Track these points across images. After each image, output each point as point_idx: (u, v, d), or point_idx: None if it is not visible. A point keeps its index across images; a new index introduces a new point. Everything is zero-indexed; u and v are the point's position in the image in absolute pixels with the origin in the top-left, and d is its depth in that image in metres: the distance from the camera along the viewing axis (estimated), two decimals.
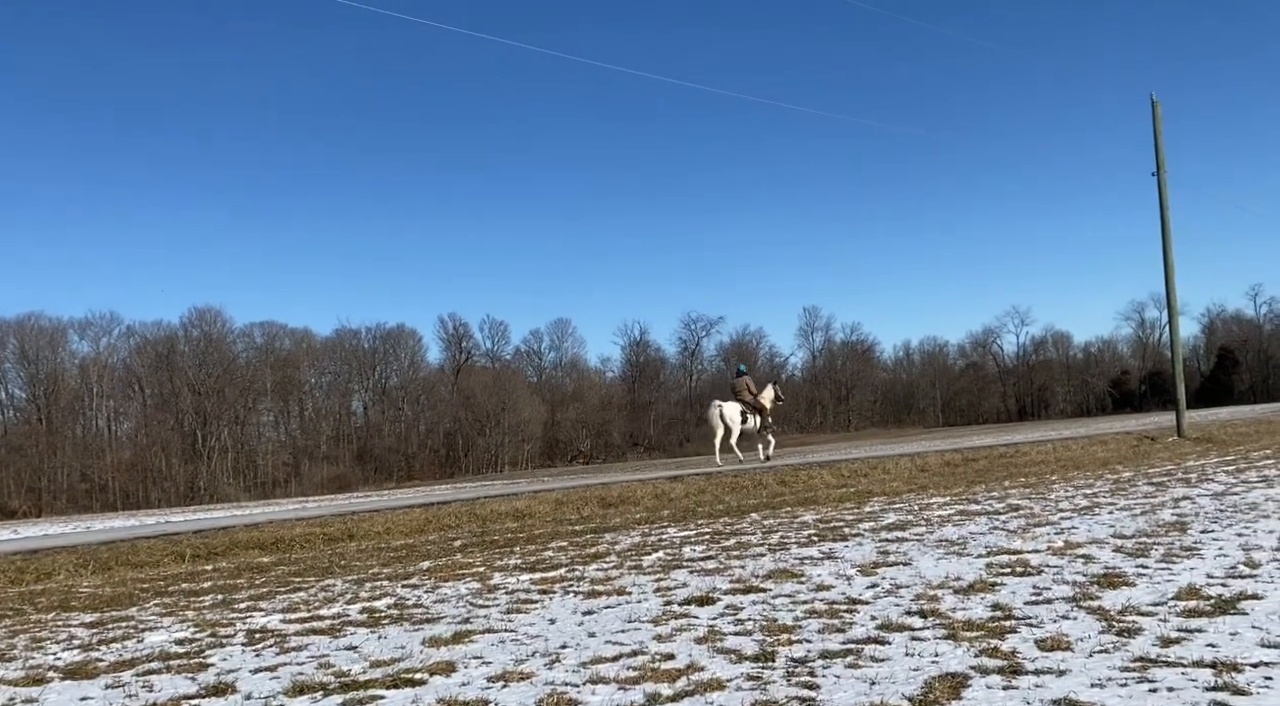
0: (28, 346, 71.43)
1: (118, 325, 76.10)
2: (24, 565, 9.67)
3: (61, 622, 6.49)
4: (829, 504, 11.91)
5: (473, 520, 12.52)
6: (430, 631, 5.23)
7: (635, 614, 5.35)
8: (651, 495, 14.54)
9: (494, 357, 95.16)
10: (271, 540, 11.03)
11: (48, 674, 4.77)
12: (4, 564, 9.74)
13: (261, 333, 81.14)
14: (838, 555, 7.20)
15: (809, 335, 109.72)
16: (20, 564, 9.74)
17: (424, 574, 7.76)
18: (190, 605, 6.87)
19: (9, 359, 71.35)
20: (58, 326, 73.25)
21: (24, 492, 64.48)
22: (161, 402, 73.69)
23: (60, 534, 16.28)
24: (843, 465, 18.02)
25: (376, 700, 3.85)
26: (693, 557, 7.61)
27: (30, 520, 42.24)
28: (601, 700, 3.63)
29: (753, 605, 5.39)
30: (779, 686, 3.66)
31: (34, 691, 4.42)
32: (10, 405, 72.18)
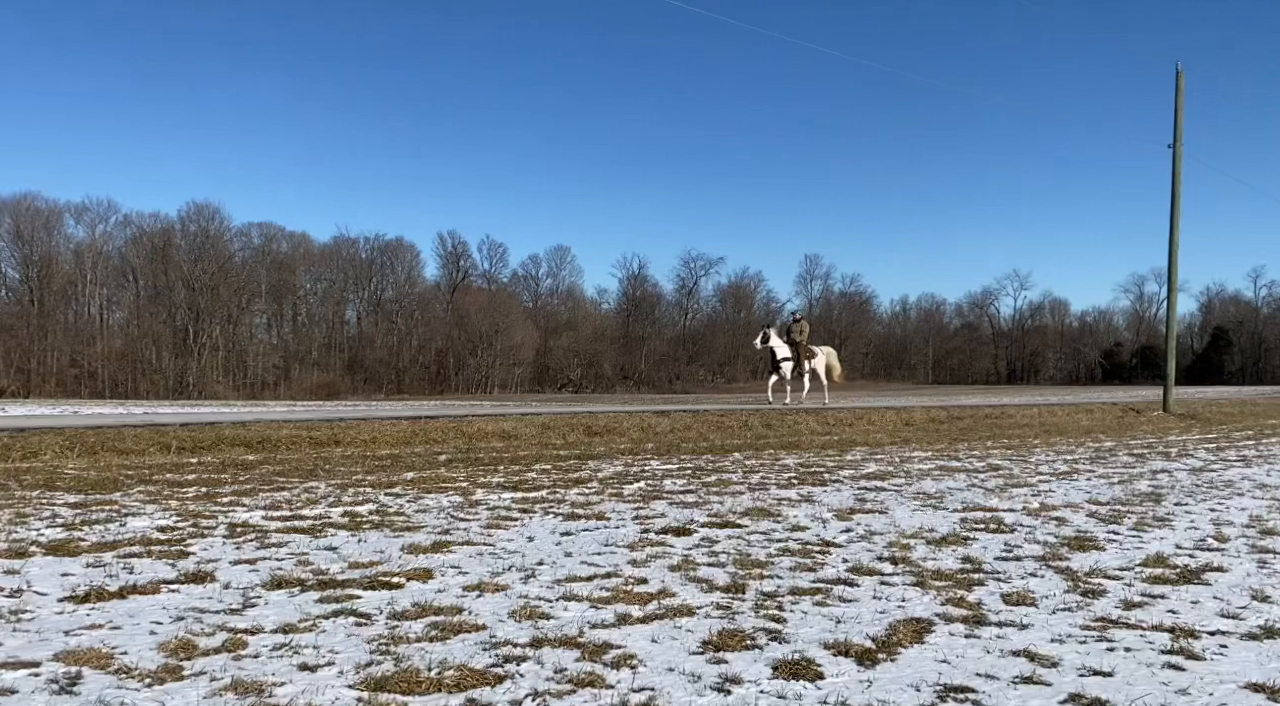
0: (22, 226, 70.76)
1: (115, 213, 75.32)
2: (10, 443, 9.73)
3: (46, 501, 6.56)
4: (812, 449, 12.02)
5: (459, 437, 12.61)
6: (410, 539, 5.31)
7: (612, 539, 5.43)
8: (637, 427, 14.64)
9: (490, 279, 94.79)
10: (258, 439, 11.10)
11: (30, 548, 4.84)
12: None
13: (259, 233, 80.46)
14: (815, 499, 7.30)
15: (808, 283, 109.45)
16: (7, 441, 9.80)
17: (407, 484, 7.84)
18: (174, 495, 6.94)
19: (3, 238, 70.75)
20: (54, 209, 72.46)
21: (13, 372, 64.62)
22: (155, 295, 73.42)
23: (48, 415, 16.36)
24: (829, 413, 18.15)
25: (353, 599, 3.92)
26: (673, 490, 7.70)
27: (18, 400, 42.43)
28: (573, 616, 3.71)
29: (728, 539, 5.47)
30: (747, 617, 3.74)
31: (16, 563, 4.49)
32: (3, 284, 71.85)
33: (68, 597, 3.86)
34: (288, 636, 3.37)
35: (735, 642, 3.38)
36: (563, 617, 3.68)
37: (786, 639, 3.45)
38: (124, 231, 75.60)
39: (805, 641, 3.42)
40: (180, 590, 4.04)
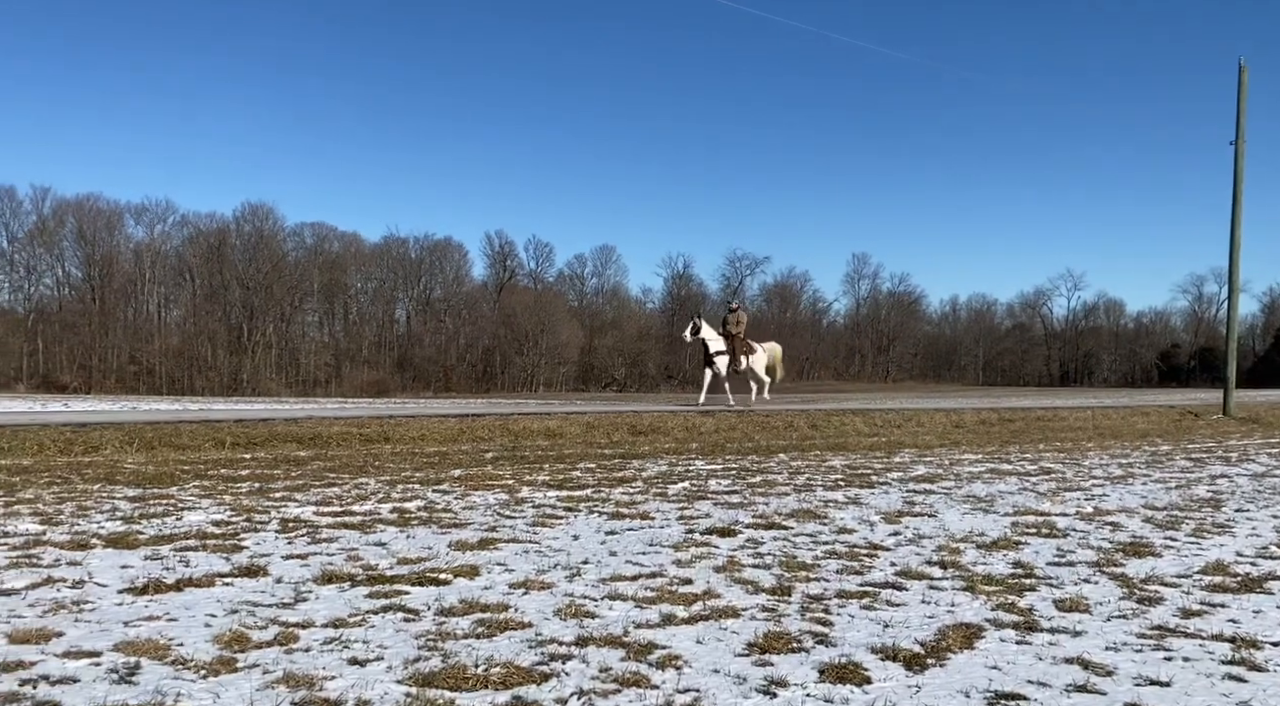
0: (85, 227, 72.82)
1: (173, 213, 77.16)
2: (73, 437, 10.03)
3: (106, 494, 6.74)
4: (859, 451, 11.91)
5: (505, 435, 12.71)
6: (457, 535, 5.36)
7: (657, 538, 5.43)
8: (682, 427, 14.63)
9: (536, 278, 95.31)
10: (310, 435, 11.30)
11: (91, 540, 4.98)
12: (55, 434, 10.10)
13: (312, 233, 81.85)
14: (863, 501, 7.22)
15: (855, 282, 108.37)
16: (70, 435, 10.09)
17: (454, 481, 7.92)
18: (228, 490, 7.09)
19: (67, 237, 72.85)
20: (114, 209, 74.46)
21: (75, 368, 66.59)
22: (210, 294, 75.06)
23: (108, 411, 16.81)
24: (876, 414, 17.96)
25: (402, 595, 3.96)
26: (717, 490, 7.68)
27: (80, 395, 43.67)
28: (618, 615, 3.71)
29: (773, 541, 5.44)
30: (793, 620, 3.71)
31: (78, 555, 4.62)
32: (66, 283, 73.96)
33: (127, 589, 3.96)
34: (338, 631, 3.42)
35: (781, 645, 3.35)
36: (608, 617, 3.69)
37: (833, 642, 3.42)
38: (181, 231, 77.45)
39: (852, 645, 3.39)
40: (234, 583, 4.12)
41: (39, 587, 3.96)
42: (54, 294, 73.53)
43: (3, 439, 9.66)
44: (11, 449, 9.37)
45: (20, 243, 72.11)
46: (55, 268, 73.43)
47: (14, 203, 71.90)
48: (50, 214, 72.82)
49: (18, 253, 72.13)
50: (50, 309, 71.48)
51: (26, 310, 71.01)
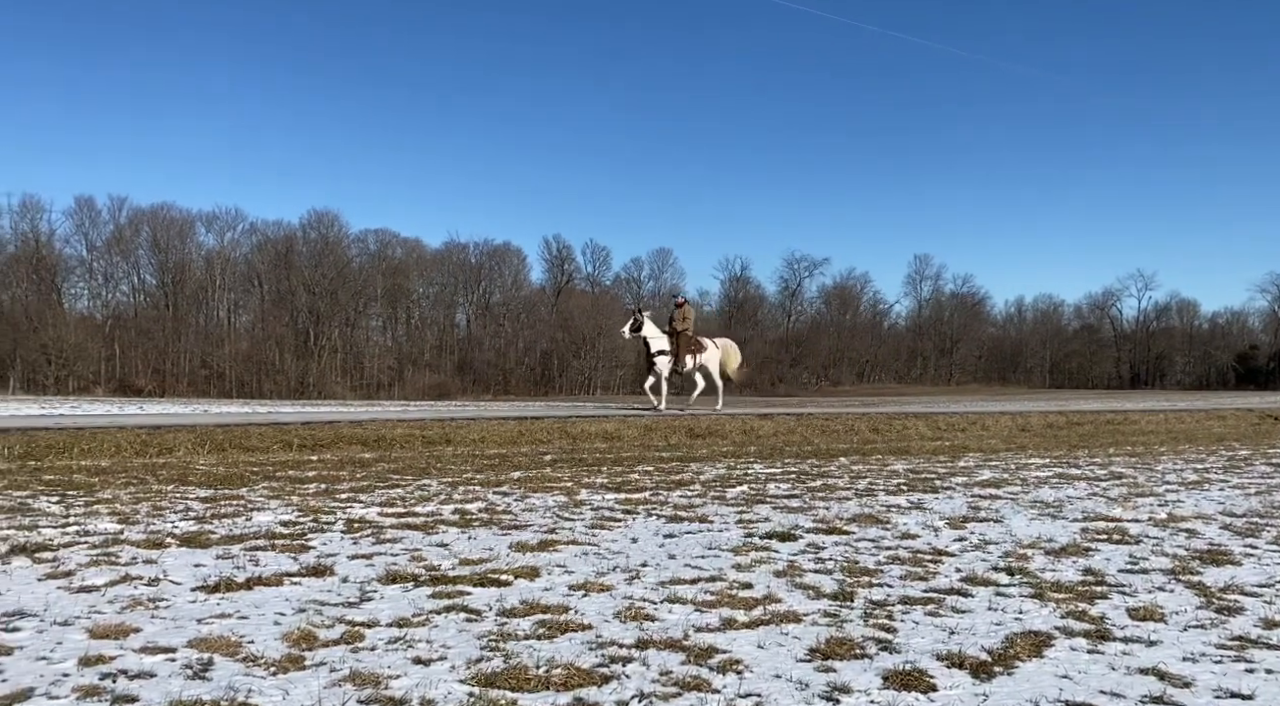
0: (159, 235, 75.27)
1: (242, 221, 79.40)
2: (148, 439, 10.35)
3: (180, 495, 6.94)
4: (922, 455, 11.72)
5: (563, 437, 12.79)
6: (517, 537, 5.40)
7: (716, 542, 5.41)
8: (740, 430, 14.56)
9: (594, 282, 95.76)
10: (374, 438, 11.50)
11: (166, 539, 5.13)
12: (131, 436, 10.44)
13: (375, 239, 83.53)
14: (926, 506, 7.10)
15: (917, 284, 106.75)
16: (145, 437, 10.42)
17: (514, 483, 7.99)
18: (295, 491, 7.25)
19: (142, 246, 75.39)
20: (186, 218, 76.88)
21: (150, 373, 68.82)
22: (278, 299, 76.97)
23: (181, 414, 17.34)
24: (939, 418, 17.67)
25: (464, 595, 4.01)
26: (777, 494, 7.62)
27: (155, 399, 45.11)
28: (678, 618, 3.70)
29: (834, 545, 5.38)
30: (856, 625, 3.67)
31: (153, 554, 4.77)
32: (141, 290, 76.53)
33: (200, 587, 4.07)
34: (402, 630, 3.47)
35: (844, 651, 3.31)
36: (667, 620, 3.69)
37: (897, 649, 3.37)
38: (250, 239, 79.65)
39: (917, 652, 3.33)
40: (302, 583, 4.21)
41: (117, 585, 4.09)
42: (130, 300, 76.18)
43: (83, 440, 10.02)
44: (91, 450, 9.71)
45: (99, 251, 74.84)
46: (131, 275, 76.09)
47: (93, 212, 74.72)
48: (126, 223, 75.47)
49: (96, 260, 74.88)
50: (126, 315, 74.02)
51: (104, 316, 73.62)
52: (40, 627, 3.40)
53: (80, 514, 5.96)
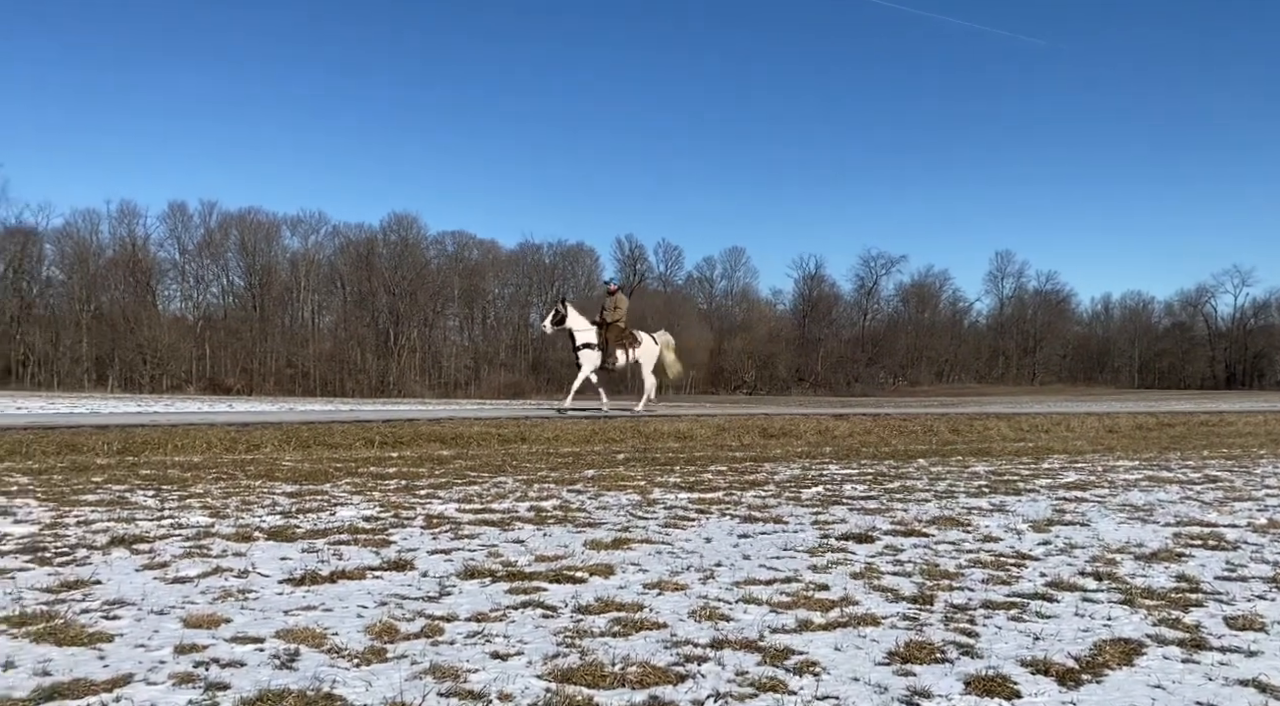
0: (247, 238, 77.97)
1: (325, 225, 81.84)
2: (237, 436, 10.73)
3: (267, 490, 7.17)
4: (1003, 456, 11.43)
5: (636, 436, 12.83)
6: (591, 535, 5.44)
7: (791, 543, 5.36)
8: (815, 430, 14.41)
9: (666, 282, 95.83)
10: (451, 435, 11.72)
11: (254, 533, 5.30)
12: (221, 434, 10.83)
13: (452, 241, 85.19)
14: (1009, 508, 6.92)
15: (998, 281, 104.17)
16: (234, 435, 10.80)
17: (588, 481, 8.04)
18: (376, 487, 7.42)
19: (231, 249, 78.19)
20: (273, 222, 79.54)
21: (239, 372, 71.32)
22: (360, 300, 78.99)
23: (268, 412, 17.92)
24: (1022, 418, 17.21)
25: (540, 591, 4.05)
26: (853, 495, 7.51)
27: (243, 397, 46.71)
28: (753, 619, 3.68)
29: (913, 548, 5.28)
30: (936, 629, 3.59)
31: (242, 547, 4.93)
32: (230, 292, 79.34)
33: (286, 580, 4.20)
34: (480, 625, 3.52)
35: (923, 655, 3.25)
36: (742, 620, 3.66)
37: (979, 654, 3.29)
38: (333, 241, 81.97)
39: (1000, 657, 3.25)
40: (383, 577, 4.31)
41: (209, 576, 4.24)
42: (220, 302, 79.05)
43: (176, 437, 10.43)
44: (184, 446, 10.11)
45: (191, 254, 77.89)
46: (221, 277, 78.98)
47: (185, 217, 77.84)
48: (216, 227, 78.36)
49: (188, 263, 77.95)
50: (216, 316, 76.87)
51: (196, 317, 76.58)
52: (138, 616, 3.54)
53: (174, 507, 6.21)
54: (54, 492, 6.79)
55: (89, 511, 5.97)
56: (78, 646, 3.14)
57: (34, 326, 69.76)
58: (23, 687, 2.74)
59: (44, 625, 3.36)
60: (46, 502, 6.31)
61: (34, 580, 4.08)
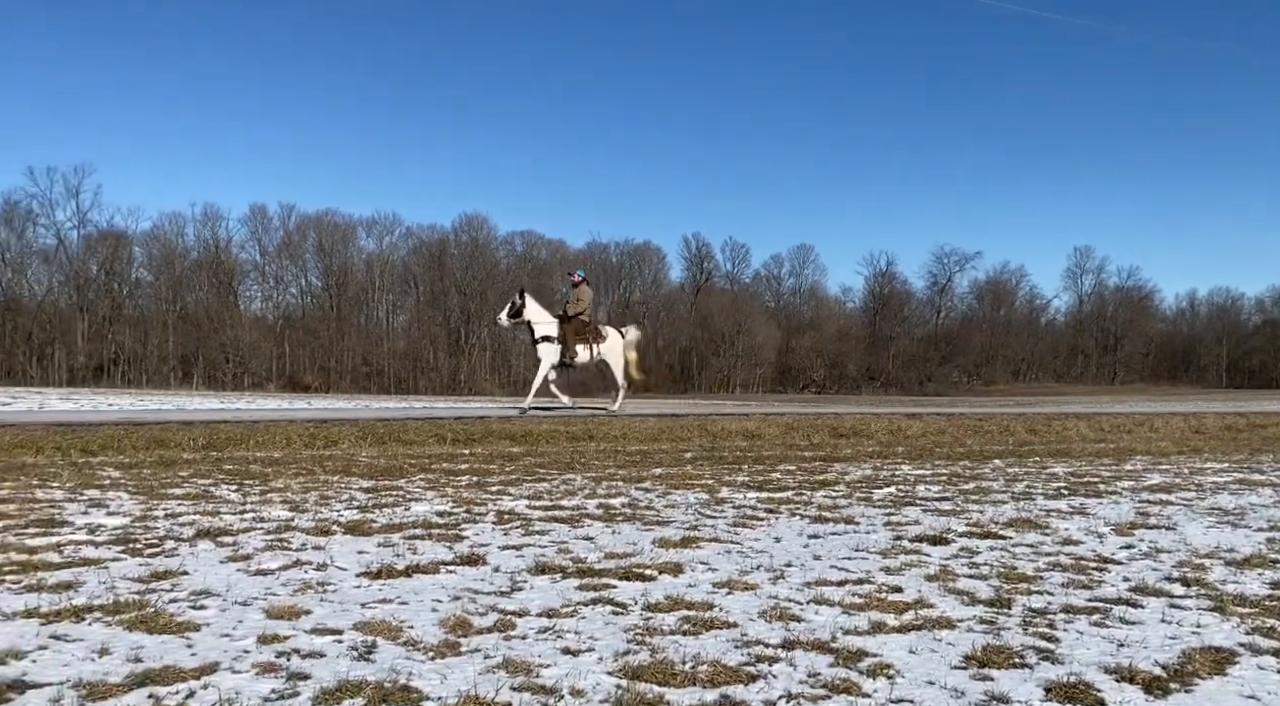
0: (324, 240, 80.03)
1: (399, 226, 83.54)
2: (316, 432, 11.01)
3: (344, 485, 7.35)
4: (1083, 457, 11.10)
5: (704, 435, 12.80)
6: (660, 533, 5.44)
7: (863, 544, 5.29)
8: (886, 430, 14.19)
9: (733, 280, 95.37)
10: (521, 433, 11.85)
11: (332, 527, 5.44)
12: (300, 430, 11.13)
13: (521, 241, 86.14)
14: (1089, 511, 6.72)
15: (1077, 277, 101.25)
16: (313, 431, 11.09)
17: (656, 479, 8.05)
18: (449, 483, 7.55)
19: (309, 250, 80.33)
20: (349, 223, 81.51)
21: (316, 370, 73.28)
22: (432, 299, 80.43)
23: (344, 409, 18.37)
24: (1103, 418, 16.69)
25: (609, 588, 4.07)
26: (927, 496, 7.38)
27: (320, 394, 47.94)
28: (825, 620, 3.64)
29: (990, 550, 5.16)
30: (1014, 633, 3.50)
31: (321, 540, 5.06)
32: (308, 292, 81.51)
33: (363, 573, 4.29)
34: (551, 620, 3.56)
35: (1002, 659, 3.17)
36: (814, 621, 3.63)
37: (1060, 660, 3.20)
38: (406, 242, 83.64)
39: (1082, 663, 3.15)
40: (456, 571, 4.37)
41: (289, 569, 4.36)
42: (298, 302, 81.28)
43: (257, 433, 10.76)
44: (264, 442, 10.42)
45: (270, 256, 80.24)
46: (299, 278, 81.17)
47: (265, 219, 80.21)
48: (295, 229, 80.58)
49: (269, 264, 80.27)
50: (295, 316, 79.04)
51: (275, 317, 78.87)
52: (223, 607, 3.66)
53: (256, 501, 6.40)
54: (144, 486, 7.06)
55: (176, 504, 6.19)
56: (167, 634, 3.26)
57: (124, 326, 72.67)
58: (117, 673, 2.85)
59: (136, 613, 3.49)
60: (137, 495, 6.57)
61: (126, 570, 4.25)
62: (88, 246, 74.49)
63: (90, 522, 5.44)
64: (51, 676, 2.81)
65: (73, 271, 73.03)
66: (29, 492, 6.60)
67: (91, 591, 3.83)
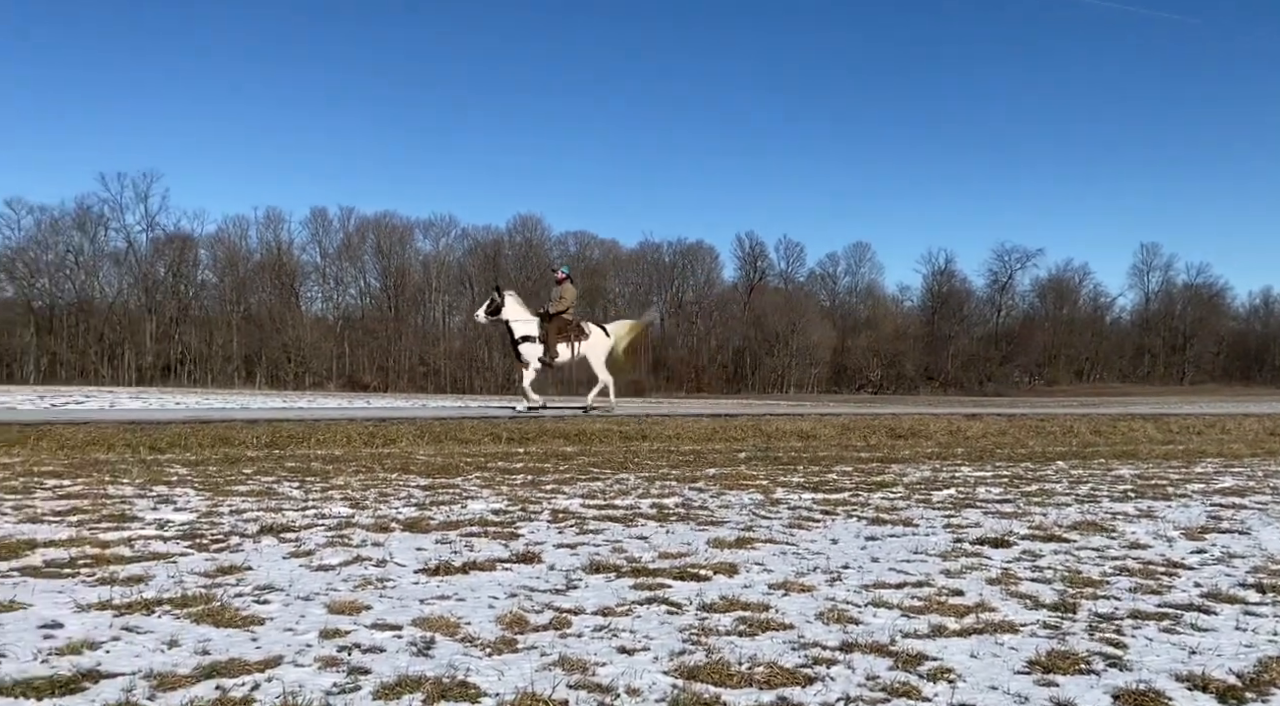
0: (382, 242, 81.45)
1: (455, 227, 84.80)
2: (375, 431, 11.20)
3: (402, 483, 7.45)
4: (1151, 459, 10.79)
5: (758, 435, 12.72)
6: (714, 533, 5.42)
7: (922, 546, 5.20)
8: (945, 431, 13.96)
9: (787, 279, 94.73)
10: (575, 432, 11.90)
11: (391, 524, 5.52)
12: (360, 428, 11.33)
13: (575, 241, 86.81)
14: (1157, 514, 6.53)
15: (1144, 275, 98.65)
16: (372, 429, 11.28)
17: (709, 479, 8.02)
18: (504, 481, 7.61)
19: (368, 251, 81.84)
20: (406, 225, 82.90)
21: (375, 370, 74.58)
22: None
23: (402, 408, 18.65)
24: (1171, 419, 16.22)
25: (664, 588, 4.06)
26: (987, 498, 7.24)
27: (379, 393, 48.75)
28: (883, 623, 3.59)
29: (1053, 554, 5.04)
30: (1079, 639, 3.42)
31: (380, 537, 5.14)
32: (367, 293, 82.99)
33: (421, 570, 4.35)
34: (606, 619, 3.56)
35: (1067, 665, 3.09)
36: (872, 623, 3.58)
37: (1128, 666, 3.11)
38: (462, 243, 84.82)
39: (1151, 670, 3.06)
40: (512, 569, 4.41)
41: (350, 565, 4.43)
42: (357, 303, 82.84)
43: (318, 431, 10.97)
44: (325, 440, 10.62)
45: (331, 257, 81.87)
46: (358, 279, 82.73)
47: (325, 222, 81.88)
48: (354, 231, 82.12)
49: (329, 266, 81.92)
50: (354, 316, 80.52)
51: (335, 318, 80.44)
52: (286, 601, 3.74)
53: (317, 498, 6.53)
54: (209, 483, 7.25)
55: (240, 501, 6.34)
56: (233, 628, 3.34)
57: (190, 326, 74.81)
58: (185, 665, 2.93)
59: (203, 607, 3.58)
60: (203, 492, 6.74)
61: (193, 565, 4.36)
62: (155, 249, 76.88)
63: (159, 518, 5.59)
64: (124, 666, 2.89)
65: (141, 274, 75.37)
66: (102, 488, 6.82)
67: (161, 585, 3.94)
